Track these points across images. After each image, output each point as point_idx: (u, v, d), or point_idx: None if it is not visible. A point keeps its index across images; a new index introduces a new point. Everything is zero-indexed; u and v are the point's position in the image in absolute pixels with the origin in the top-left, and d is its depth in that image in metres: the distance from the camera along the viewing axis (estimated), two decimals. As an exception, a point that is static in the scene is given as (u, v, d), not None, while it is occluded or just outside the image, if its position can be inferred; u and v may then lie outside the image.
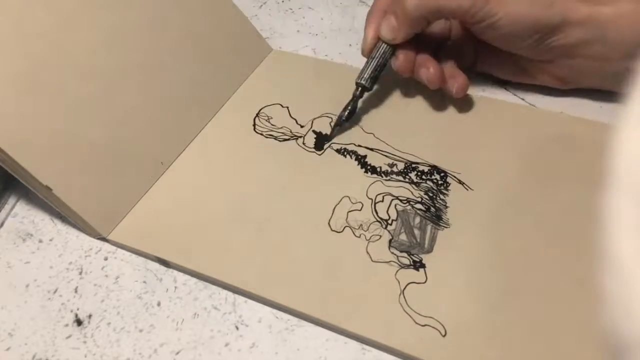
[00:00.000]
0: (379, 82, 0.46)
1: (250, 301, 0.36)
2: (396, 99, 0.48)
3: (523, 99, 0.48)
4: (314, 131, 0.45)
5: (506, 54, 0.45)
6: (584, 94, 0.47)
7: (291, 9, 0.59)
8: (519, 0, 0.41)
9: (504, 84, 0.49)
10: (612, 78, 0.44)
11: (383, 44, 0.45)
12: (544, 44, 0.43)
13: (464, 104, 0.46)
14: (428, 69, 0.44)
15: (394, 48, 0.45)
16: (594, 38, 0.42)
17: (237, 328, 0.35)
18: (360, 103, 0.46)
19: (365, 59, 0.46)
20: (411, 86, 0.48)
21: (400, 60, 0.44)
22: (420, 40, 0.45)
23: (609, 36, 0.41)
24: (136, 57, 0.43)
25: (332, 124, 0.45)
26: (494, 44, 0.44)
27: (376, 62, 0.45)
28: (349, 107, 0.45)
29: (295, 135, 0.45)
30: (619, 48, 0.42)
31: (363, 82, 0.45)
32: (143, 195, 0.41)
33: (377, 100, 0.47)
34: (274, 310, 0.35)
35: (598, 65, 0.43)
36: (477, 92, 0.48)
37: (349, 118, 0.45)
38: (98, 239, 0.39)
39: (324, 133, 0.45)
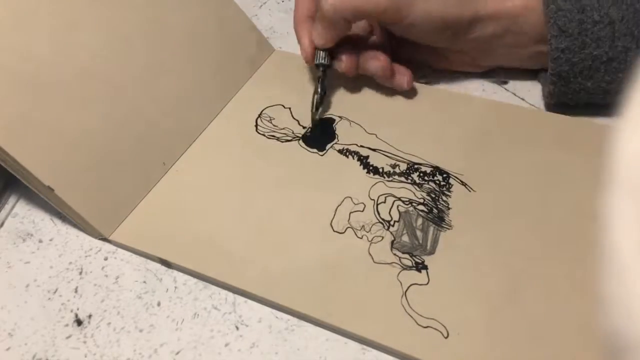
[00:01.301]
0: (381, 84, 0.47)
1: (250, 301, 0.36)
2: (398, 100, 0.48)
3: (523, 99, 0.47)
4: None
5: (426, 46, 0.47)
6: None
7: (291, 9, 0.59)
8: (430, 1, 0.43)
9: (502, 83, 0.49)
10: (527, 60, 0.47)
11: (320, 50, 0.46)
12: (458, 38, 0.45)
13: (465, 105, 0.46)
14: (378, 60, 0.46)
15: (330, 52, 0.46)
16: (505, 29, 0.45)
17: (237, 328, 0.34)
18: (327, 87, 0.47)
19: None
20: (413, 88, 0.48)
21: (345, 61, 0.46)
22: (353, 41, 0.47)
23: (519, 26, 0.44)
24: (139, 57, 0.43)
25: (311, 109, 0.46)
26: (412, 39, 0.46)
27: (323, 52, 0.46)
28: (318, 89, 0.46)
29: (297, 136, 0.45)
30: (530, 36, 0.45)
31: (321, 61, 0.46)
32: (145, 196, 0.41)
33: (379, 102, 0.47)
34: (274, 310, 0.35)
35: (512, 51, 0.46)
36: (477, 92, 0.48)
37: (322, 100, 0.47)
38: (99, 239, 0.39)
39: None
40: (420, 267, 0.36)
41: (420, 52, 0.49)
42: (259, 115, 0.47)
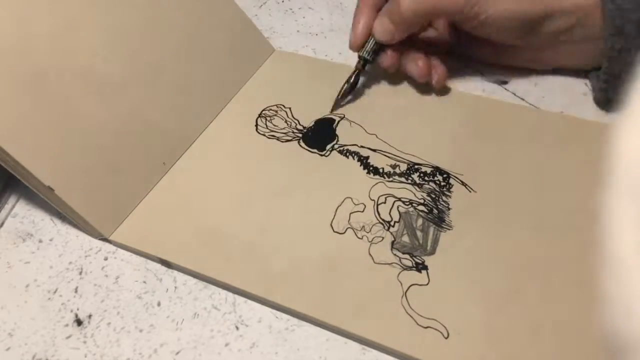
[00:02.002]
0: (382, 84, 0.47)
1: (250, 301, 0.36)
2: (398, 100, 0.47)
3: (523, 99, 0.47)
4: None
5: (489, 41, 0.47)
6: (584, 95, 0.46)
7: (291, 9, 0.59)
8: None
9: (502, 83, 0.49)
10: (592, 58, 0.46)
11: (372, 41, 0.46)
12: (528, 35, 0.45)
13: (465, 104, 0.46)
14: (417, 64, 0.46)
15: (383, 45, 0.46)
16: (574, 25, 0.44)
17: (237, 328, 0.34)
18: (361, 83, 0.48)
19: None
20: (414, 87, 0.48)
21: (389, 57, 0.46)
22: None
23: (589, 22, 0.44)
24: (139, 57, 0.43)
25: (337, 96, 0.47)
26: (484, 37, 0.46)
27: (373, 42, 0.46)
28: (351, 79, 0.46)
29: (298, 136, 0.45)
30: (598, 32, 0.44)
31: (365, 55, 0.46)
32: (145, 196, 0.41)
33: (380, 101, 0.47)
34: (274, 310, 0.35)
35: (578, 48, 0.46)
36: (477, 92, 0.48)
37: (352, 90, 0.47)
38: (99, 239, 0.39)
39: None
40: (421, 267, 0.36)
41: (482, 48, 0.49)
42: (259, 115, 0.47)
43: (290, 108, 0.47)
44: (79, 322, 0.35)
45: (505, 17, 0.43)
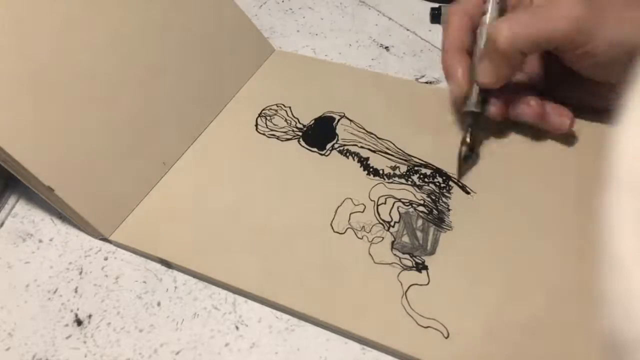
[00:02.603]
0: (382, 84, 0.47)
1: (250, 301, 0.36)
2: (398, 100, 0.47)
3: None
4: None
5: (585, 81, 0.40)
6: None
7: (291, 9, 0.59)
8: (620, 22, 0.36)
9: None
10: None
11: (476, 90, 0.41)
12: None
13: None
14: (529, 105, 0.41)
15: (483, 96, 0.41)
16: None
17: (237, 328, 0.34)
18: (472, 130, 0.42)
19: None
20: (413, 88, 0.48)
21: (497, 104, 0.41)
22: None
23: None
24: (139, 57, 0.43)
25: (459, 166, 0.41)
26: (582, 72, 0.40)
27: (477, 91, 0.41)
28: (467, 140, 0.41)
29: (298, 135, 0.45)
30: None
31: (473, 108, 0.41)
32: (145, 196, 0.41)
33: (380, 101, 0.47)
34: (274, 310, 0.35)
35: None
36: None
37: (472, 152, 0.41)
38: (99, 239, 0.39)
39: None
40: (421, 267, 0.36)
41: (579, 89, 0.42)
42: (259, 115, 0.47)
43: (290, 107, 0.47)
44: (79, 322, 0.35)
45: (618, 46, 0.36)
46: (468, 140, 0.41)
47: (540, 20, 0.37)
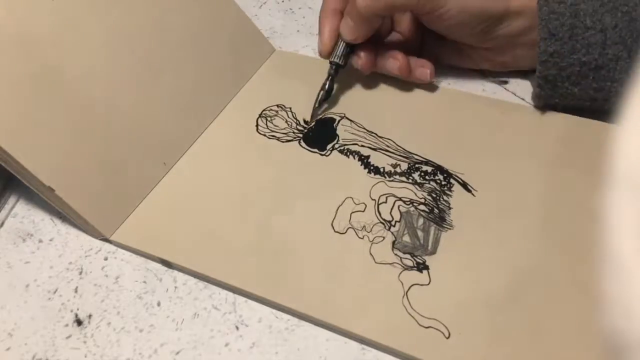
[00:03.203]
0: (382, 84, 0.47)
1: (250, 301, 0.36)
2: (398, 99, 0.47)
3: (523, 99, 0.47)
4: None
5: (451, 42, 0.47)
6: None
7: (291, 9, 0.59)
8: None
9: (503, 83, 0.49)
10: None
11: (342, 44, 0.46)
12: (489, 34, 0.44)
13: (465, 104, 0.46)
14: (396, 60, 0.46)
15: (352, 47, 0.46)
16: (530, 27, 0.43)
17: (237, 328, 0.34)
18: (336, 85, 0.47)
19: None
20: (413, 87, 0.48)
21: (363, 58, 0.46)
22: (373, 38, 0.46)
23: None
24: (139, 58, 0.43)
25: (315, 104, 0.46)
26: (441, 33, 0.46)
27: (343, 46, 0.46)
28: (326, 86, 0.46)
29: (298, 136, 0.45)
30: None
31: (336, 59, 0.46)
32: (146, 196, 0.41)
33: (380, 101, 0.47)
34: (274, 310, 0.35)
35: (533, 51, 0.44)
36: (477, 92, 0.48)
37: (328, 97, 0.47)
38: (100, 239, 0.39)
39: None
40: (422, 267, 0.36)
41: (443, 49, 0.49)
42: (260, 115, 0.47)
43: (290, 108, 0.47)
44: (79, 322, 0.35)
45: (463, 11, 0.43)
46: (326, 87, 0.46)
47: None
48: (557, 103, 0.44)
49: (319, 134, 0.45)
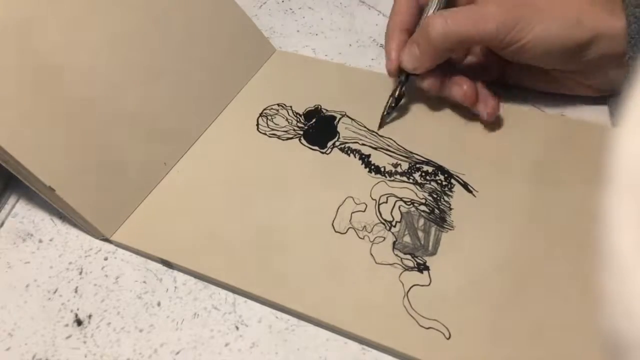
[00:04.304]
0: (382, 84, 0.47)
1: (250, 301, 0.36)
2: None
3: (524, 100, 0.47)
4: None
5: (536, 67, 0.44)
6: (584, 96, 0.46)
7: (291, 9, 0.59)
8: (546, 21, 0.40)
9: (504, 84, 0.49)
10: None
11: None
12: (574, 60, 0.42)
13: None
14: (462, 87, 0.43)
15: None
16: (621, 48, 0.40)
17: (237, 328, 0.34)
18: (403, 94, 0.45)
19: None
20: (413, 87, 0.48)
21: (428, 81, 0.43)
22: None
23: None
24: (140, 58, 0.43)
25: (383, 112, 0.45)
26: (523, 62, 0.43)
27: None
28: (396, 93, 0.44)
29: (299, 134, 0.45)
30: None
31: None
32: (146, 196, 0.41)
33: (380, 99, 0.47)
34: (274, 310, 0.35)
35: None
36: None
37: (397, 105, 0.45)
38: (100, 239, 0.39)
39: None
40: (422, 268, 0.36)
41: (528, 73, 0.45)
42: (260, 115, 0.47)
43: (291, 107, 0.47)
44: (79, 322, 0.35)
45: (544, 42, 0.40)
46: (397, 93, 0.44)
47: (470, 21, 0.40)
48: None
49: (320, 131, 0.45)
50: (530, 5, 0.40)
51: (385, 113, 0.45)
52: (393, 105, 0.45)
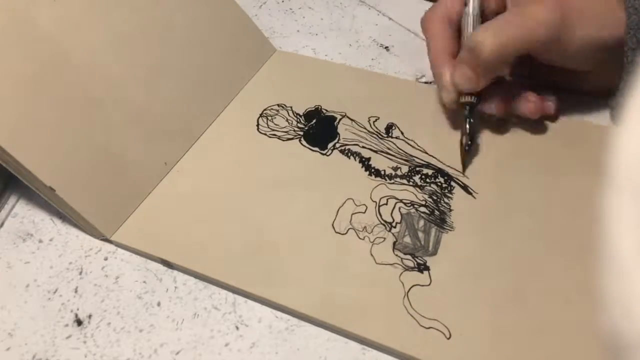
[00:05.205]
0: (382, 85, 0.47)
1: (250, 301, 0.36)
2: (398, 99, 0.47)
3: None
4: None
5: (565, 69, 0.43)
6: (585, 97, 0.46)
7: (291, 9, 0.59)
8: (589, 20, 0.39)
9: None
10: None
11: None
12: (603, 61, 0.41)
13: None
14: (529, 102, 0.42)
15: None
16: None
17: (237, 328, 0.34)
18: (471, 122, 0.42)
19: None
20: (413, 89, 0.48)
21: (497, 105, 0.42)
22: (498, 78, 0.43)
23: None
24: (140, 57, 0.43)
25: (462, 158, 0.42)
26: (557, 64, 0.42)
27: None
28: (467, 131, 0.42)
29: (299, 134, 0.45)
30: None
31: (468, 99, 0.42)
32: (147, 196, 0.41)
33: (380, 101, 0.47)
34: (274, 310, 0.35)
35: None
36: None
37: (473, 142, 0.42)
38: (101, 239, 0.39)
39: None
40: (422, 268, 0.36)
41: (557, 75, 0.44)
42: (261, 115, 0.47)
43: (291, 107, 0.47)
44: (79, 322, 0.35)
45: (589, 44, 0.40)
46: (467, 130, 0.42)
47: (520, 29, 0.39)
48: None
49: (320, 132, 0.45)
50: (568, 3, 0.39)
51: (464, 151, 0.42)
52: (469, 144, 0.42)
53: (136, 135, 0.41)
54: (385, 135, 0.44)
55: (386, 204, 0.40)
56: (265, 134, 0.45)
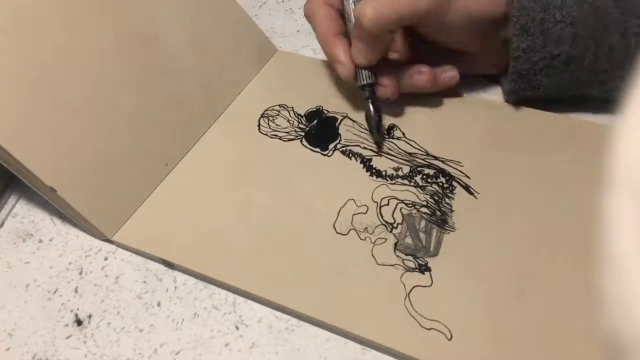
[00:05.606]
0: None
1: (250, 301, 0.36)
2: (398, 100, 0.47)
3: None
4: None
5: (447, 51, 0.46)
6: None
7: (291, 9, 0.59)
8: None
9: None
10: None
11: (361, 70, 0.44)
12: (487, 39, 0.44)
13: (465, 106, 0.46)
14: (422, 73, 0.45)
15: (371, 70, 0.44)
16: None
17: (237, 328, 0.34)
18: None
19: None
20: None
21: (389, 85, 0.44)
22: (386, 58, 0.45)
23: None
24: (141, 57, 0.43)
25: (372, 135, 0.44)
26: (439, 41, 0.45)
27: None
28: (371, 113, 0.43)
29: (300, 135, 0.45)
30: None
31: (367, 80, 0.43)
32: (147, 197, 0.41)
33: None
34: (274, 310, 0.35)
35: None
36: (479, 95, 0.48)
37: (381, 121, 0.44)
38: (101, 239, 0.39)
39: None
40: (424, 268, 0.36)
41: (441, 60, 0.46)
42: (262, 115, 0.47)
43: (292, 108, 0.47)
44: (79, 322, 0.35)
45: (469, 18, 0.42)
46: (372, 112, 0.43)
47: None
48: (528, 96, 0.44)
49: (321, 133, 0.45)
50: None
51: (373, 134, 0.44)
52: (377, 125, 0.43)
53: (137, 136, 0.41)
54: (387, 136, 0.44)
55: (387, 204, 0.40)
56: (266, 135, 0.45)
